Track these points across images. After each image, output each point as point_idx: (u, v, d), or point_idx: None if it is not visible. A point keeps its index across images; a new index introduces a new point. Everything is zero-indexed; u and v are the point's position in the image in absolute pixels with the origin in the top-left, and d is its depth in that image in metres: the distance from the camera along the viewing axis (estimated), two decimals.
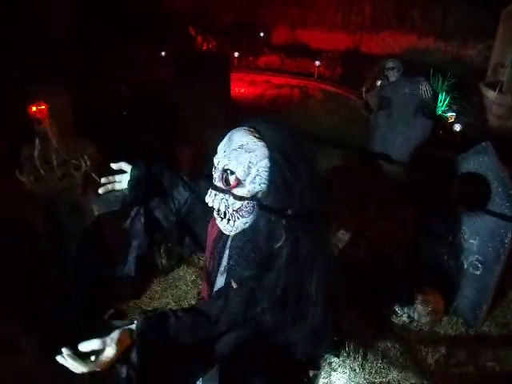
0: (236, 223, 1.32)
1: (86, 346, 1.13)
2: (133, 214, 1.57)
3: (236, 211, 1.30)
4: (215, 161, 1.33)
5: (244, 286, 1.27)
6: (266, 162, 1.27)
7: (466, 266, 3.05)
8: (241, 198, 1.28)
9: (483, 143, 2.91)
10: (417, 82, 4.96)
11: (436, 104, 5.78)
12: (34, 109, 2.67)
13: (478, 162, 2.92)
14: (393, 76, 5.53)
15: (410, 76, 5.41)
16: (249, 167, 1.26)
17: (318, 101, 7.87)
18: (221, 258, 1.44)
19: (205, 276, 1.55)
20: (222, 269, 1.43)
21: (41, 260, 3.10)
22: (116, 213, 1.62)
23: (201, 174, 1.54)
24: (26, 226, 3.38)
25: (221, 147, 1.33)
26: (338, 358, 2.79)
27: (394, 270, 3.49)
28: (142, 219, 1.56)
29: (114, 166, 1.56)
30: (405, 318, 3.15)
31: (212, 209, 1.33)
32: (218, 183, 1.31)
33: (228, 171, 1.29)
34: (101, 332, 1.17)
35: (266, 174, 1.27)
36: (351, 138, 5.84)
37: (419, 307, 3.12)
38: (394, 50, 9.61)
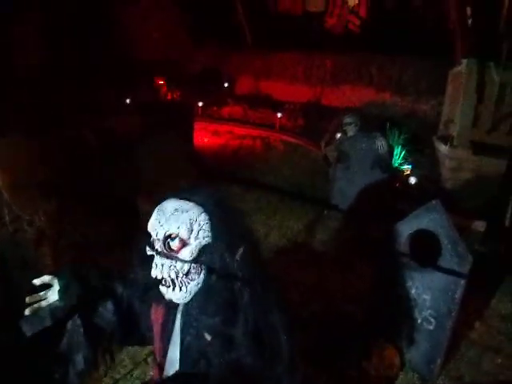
0: (188, 288, 1.33)
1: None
2: (69, 326, 1.49)
3: (186, 275, 1.32)
4: (153, 234, 1.36)
5: (218, 335, 1.31)
6: (203, 216, 1.34)
7: (419, 321, 3.10)
8: (188, 260, 1.32)
9: (433, 201, 3.02)
10: (373, 137, 5.16)
11: (392, 158, 6.00)
12: None
13: (428, 219, 3.02)
14: (351, 131, 5.73)
15: (368, 131, 5.63)
16: (191, 223, 1.32)
17: (280, 152, 8.04)
18: (171, 333, 1.43)
19: (156, 362, 1.53)
20: (172, 341, 1.42)
21: None
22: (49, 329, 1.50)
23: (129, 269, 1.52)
24: None
25: (153, 222, 1.36)
26: None
27: (351, 324, 3.50)
28: (81, 330, 1.49)
29: (36, 281, 1.48)
30: (361, 373, 3.14)
31: (159, 281, 1.34)
32: (162, 252, 1.33)
33: (169, 237, 1.32)
34: None
35: (208, 225, 1.34)
36: (312, 190, 5.95)
37: (376, 362, 3.13)
38: (354, 103, 10.02)
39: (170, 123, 5.98)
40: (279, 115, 9.08)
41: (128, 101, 9.45)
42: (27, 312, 1.43)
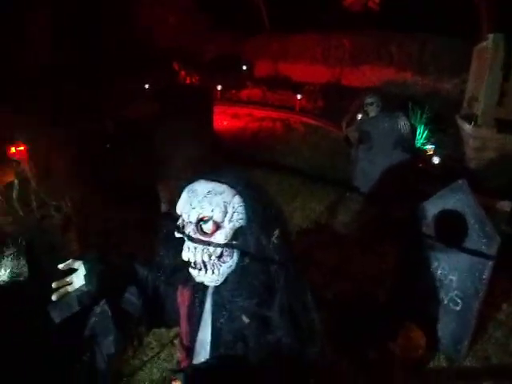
0: (221, 270, 1.32)
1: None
2: (97, 311, 1.48)
3: (218, 258, 1.31)
4: (184, 217, 1.33)
5: (255, 317, 1.30)
6: (237, 198, 1.31)
7: (446, 302, 3.07)
8: (223, 244, 1.30)
9: (459, 181, 2.97)
10: (395, 117, 5.07)
11: (415, 138, 5.91)
12: (12, 150, 2.67)
13: (454, 199, 2.98)
14: (372, 111, 5.64)
15: (389, 111, 5.54)
16: (225, 206, 1.29)
17: (300, 134, 7.98)
18: (199, 315, 1.43)
19: (185, 341, 1.51)
20: (203, 322, 1.42)
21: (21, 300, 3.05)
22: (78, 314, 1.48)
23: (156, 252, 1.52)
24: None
25: (184, 203, 1.34)
26: None
27: (376, 306, 3.49)
28: (109, 314, 1.47)
29: (61, 266, 1.45)
30: (387, 353, 3.13)
31: (189, 264, 1.33)
32: (195, 236, 1.31)
33: (202, 221, 1.30)
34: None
35: (242, 208, 1.31)
36: (333, 171, 5.90)
37: (402, 343, 3.12)
38: (374, 82, 9.87)
39: (189, 108, 5.98)
40: (299, 97, 9.00)
41: (147, 87, 9.49)
42: (54, 298, 1.42)
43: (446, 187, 3.13)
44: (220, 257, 1.31)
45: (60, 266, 1.46)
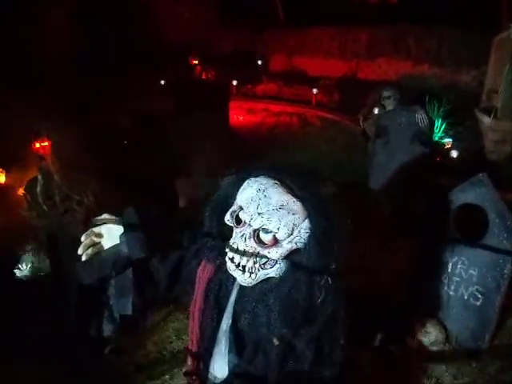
0: (258, 275, 1.30)
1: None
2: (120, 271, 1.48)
3: (260, 265, 1.29)
4: (244, 216, 1.28)
5: (286, 344, 1.29)
6: (306, 223, 1.27)
7: (466, 297, 3.05)
8: (278, 257, 1.27)
9: (480, 175, 2.94)
10: (413, 111, 5.03)
11: (433, 131, 5.85)
12: (37, 145, 2.72)
13: (474, 193, 2.95)
14: (389, 105, 5.61)
15: (407, 104, 5.50)
16: (292, 229, 1.25)
17: (317, 128, 7.96)
18: (221, 303, 1.43)
19: (197, 318, 1.48)
20: (227, 313, 1.43)
21: (42, 294, 3.11)
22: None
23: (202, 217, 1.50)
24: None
25: (249, 200, 1.28)
26: None
27: (395, 301, 3.48)
28: (131, 276, 1.46)
29: (97, 219, 1.46)
30: (406, 349, 3.12)
31: (233, 264, 1.31)
32: (249, 241, 1.28)
33: (262, 229, 1.26)
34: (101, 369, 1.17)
35: (307, 234, 1.27)
36: (350, 166, 5.87)
37: (421, 338, 3.11)
38: (390, 76, 9.78)
39: (205, 103, 6.00)
40: (315, 91, 8.96)
41: (163, 82, 9.53)
42: (84, 258, 1.40)
43: (465, 181, 3.10)
44: (262, 264, 1.29)
45: (95, 220, 1.46)
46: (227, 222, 1.34)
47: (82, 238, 1.41)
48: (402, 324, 3.24)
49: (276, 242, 1.26)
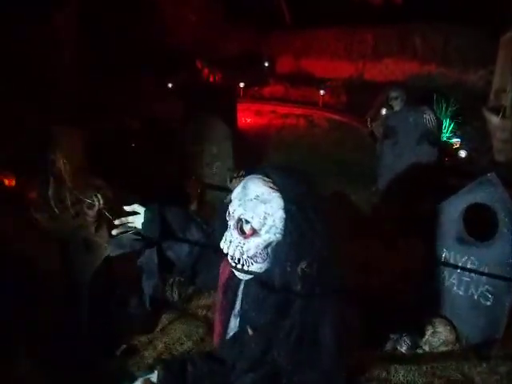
0: (250, 268, 1.35)
1: None
2: (147, 253, 1.60)
3: (250, 257, 1.34)
4: (230, 208, 1.37)
5: (260, 333, 1.32)
6: (281, 214, 1.30)
7: (476, 297, 3.04)
8: (256, 246, 1.32)
9: (488, 174, 2.94)
10: (421, 111, 5.04)
11: (440, 131, 5.84)
12: None
13: (483, 192, 2.95)
14: (397, 105, 5.63)
15: (414, 104, 5.50)
16: (265, 218, 1.30)
17: (324, 130, 7.95)
18: (234, 300, 1.47)
19: (218, 313, 1.56)
20: (235, 312, 1.46)
21: (53, 297, 3.14)
22: (130, 252, 1.65)
23: (215, 216, 1.58)
24: (38, 263, 3.45)
25: (235, 195, 1.36)
26: None
27: (404, 302, 3.48)
28: (156, 259, 1.59)
29: (127, 208, 1.60)
30: (416, 350, 3.12)
31: (226, 255, 1.37)
32: (233, 231, 1.35)
33: (243, 220, 1.33)
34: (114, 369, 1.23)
35: (281, 224, 1.31)
36: (358, 167, 5.87)
37: (430, 339, 3.11)
38: (397, 76, 9.77)
39: (212, 105, 6.03)
40: (322, 92, 8.96)
41: (170, 85, 9.58)
42: (114, 232, 1.58)
43: (473, 181, 3.10)
44: (252, 257, 1.34)
45: (126, 208, 1.60)
46: (227, 218, 1.41)
47: (116, 222, 1.59)
48: (411, 324, 3.24)
49: (254, 231, 1.32)
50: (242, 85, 9.64)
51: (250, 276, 1.37)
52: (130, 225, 1.60)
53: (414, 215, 4.47)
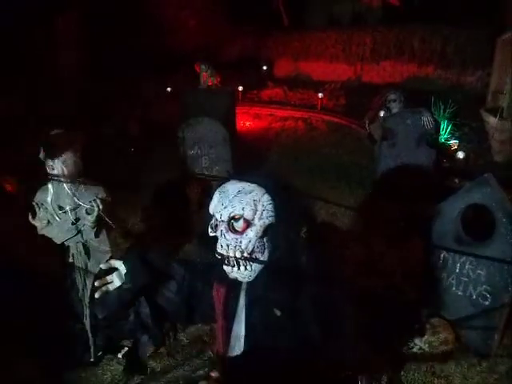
0: (253, 266, 1.38)
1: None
2: (137, 308, 1.63)
3: (249, 254, 1.37)
4: (217, 216, 1.40)
5: (286, 310, 1.35)
6: (266, 196, 1.37)
7: (474, 297, 3.06)
8: (254, 239, 1.36)
9: (485, 175, 2.96)
10: (418, 113, 5.07)
11: (439, 133, 5.86)
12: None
13: (481, 193, 2.97)
14: (395, 107, 5.65)
15: (412, 106, 5.52)
16: (255, 204, 1.35)
17: (322, 132, 7.97)
18: (234, 310, 1.49)
19: (220, 339, 1.58)
20: (237, 318, 1.47)
21: (54, 301, 3.16)
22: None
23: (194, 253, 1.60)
24: (39, 267, 3.47)
25: (216, 204, 1.40)
26: None
27: (404, 301, 3.49)
28: (147, 311, 1.58)
29: (103, 266, 1.56)
30: (415, 349, 3.14)
31: (223, 261, 1.39)
32: (226, 234, 1.38)
33: (233, 219, 1.36)
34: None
35: (271, 206, 1.37)
36: (357, 169, 5.89)
37: (430, 338, 3.12)
38: (395, 78, 9.81)
39: (211, 109, 6.05)
40: (320, 95, 8.98)
41: (169, 89, 9.61)
42: (97, 296, 1.52)
43: (471, 181, 3.12)
44: (251, 253, 1.37)
45: (102, 266, 1.56)
46: (211, 235, 1.44)
47: (96, 283, 1.53)
48: (411, 324, 3.26)
49: (248, 224, 1.36)
50: (240, 88, 9.66)
51: (256, 273, 1.40)
52: (110, 285, 1.54)
53: (412, 216, 4.49)
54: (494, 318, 2.99)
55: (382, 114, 5.93)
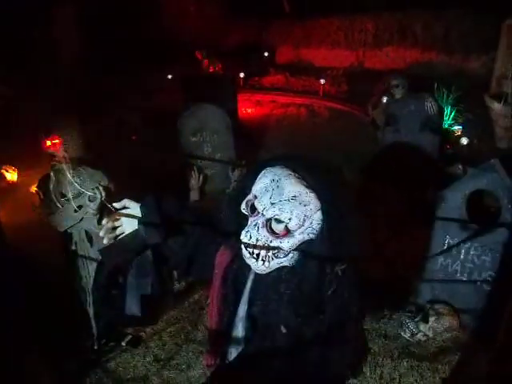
0: (271, 263, 1.30)
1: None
2: (140, 254, 1.50)
3: (274, 254, 1.30)
4: (258, 205, 1.30)
5: (293, 330, 1.30)
6: (319, 215, 1.27)
7: (479, 283, 3.05)
8: (289, 247, 1.28)
9: (491, 160, 2.93)
10: (422, 99, 5.03)
11: (442, 119, 5.81)
12: (48, 143, 2.74)
13: (486, 179, 2.94)
14: (398, 93, 5.62)
15: (415, 92, 5.48)
16: (304, 220, 1.25)
17: (325, 119, 7.92)
18: (240, 290, 1.45)
19: (216, 303, 1.50)
20: (244, 299, 1.45)
21: (57, 288, 3.16)
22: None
23: (217, 207, 1.52)
24: (41, 255, 3.47)
25: (263, 189, 1.29)
26: (356, 378, 2.78)
27: (408, 288, 3.49)
28: (151, 257, 1.50)
29: (116, 205, 1.46)
30: (420, 336, 3.13)
31: (247, 252, 1.33)
32: (262, 229, 1.29)
33: (276, 220, 1.27)
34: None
35: (319, 226, 1.27)
36: (360, 155, 5.85)
37: (434, 325, 3.12)
38: (398, 64, 9.71)
39: (213, 96, 6.00)
40: (322, 81, 8.91)
41: (170, 77, 9.54)
42: (105, 241, 1.42)
43: (477, 167, 3.09)
44: (275, 253, 1.30)
45: (115, 204, 1.45)
46: (243, 211, 1.36)
47: (103, 222, 1.43)
48: (415, 311, 3.26)
49: (288, 232, 1.27)
50: (242, 75, 9.59)
51: (271, 270, 1.32)
52: (118, 229, 1.43)
53: (416, 202, 4.47)
54: (499, 304, 2.97)
55: (385, 99, 5.89)
